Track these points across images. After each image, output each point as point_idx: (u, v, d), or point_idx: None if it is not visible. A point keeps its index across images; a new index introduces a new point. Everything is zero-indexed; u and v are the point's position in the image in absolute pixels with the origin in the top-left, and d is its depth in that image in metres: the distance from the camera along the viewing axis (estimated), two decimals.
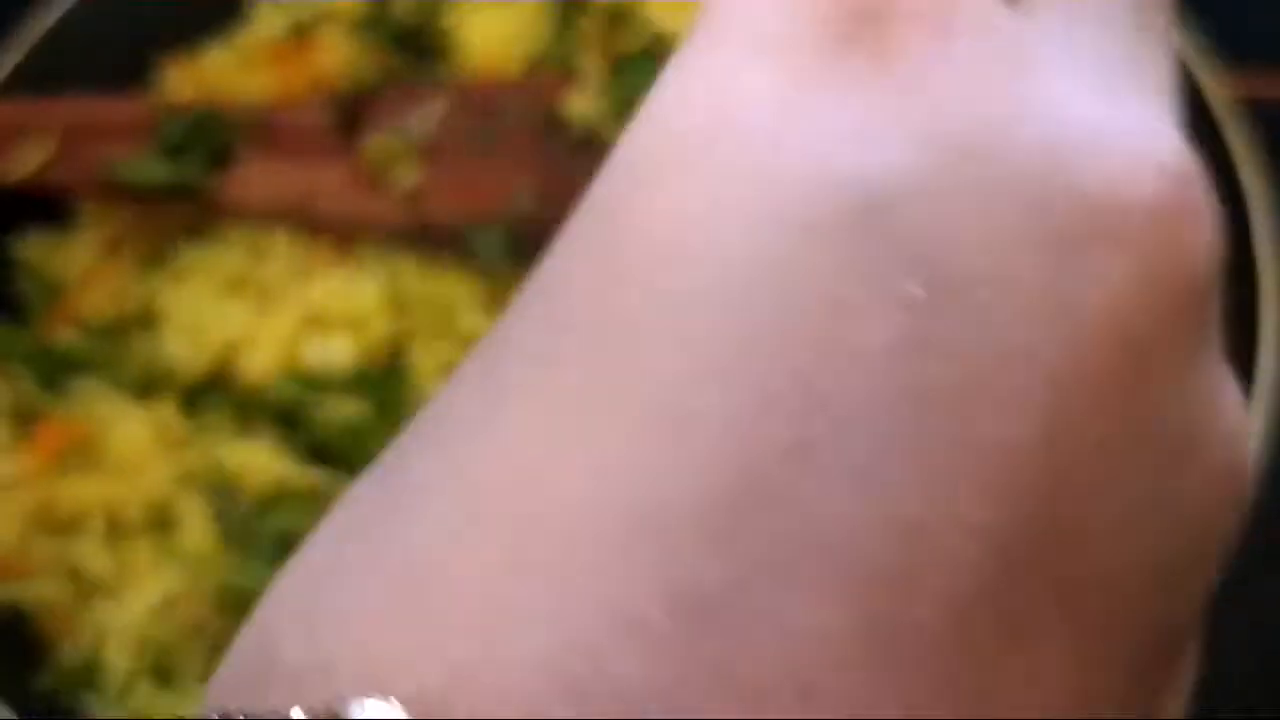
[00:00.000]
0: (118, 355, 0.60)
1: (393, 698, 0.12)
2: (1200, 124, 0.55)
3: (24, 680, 0.53)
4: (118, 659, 0.54)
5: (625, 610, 0.12)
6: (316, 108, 0.66)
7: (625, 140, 0.17)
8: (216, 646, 0.53)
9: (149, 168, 0.62)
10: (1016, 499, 0.13)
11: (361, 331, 0.61)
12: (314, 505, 0.54)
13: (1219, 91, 0.59)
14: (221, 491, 0.55)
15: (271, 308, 0.62)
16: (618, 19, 0.73)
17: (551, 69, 0.71)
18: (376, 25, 0.74)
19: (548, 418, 0.14)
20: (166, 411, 0.58)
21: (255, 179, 0.64)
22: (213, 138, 0.63)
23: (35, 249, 0.68)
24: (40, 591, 0.56)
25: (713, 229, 0.14)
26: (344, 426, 0.57)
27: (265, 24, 0.76)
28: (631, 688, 0.12)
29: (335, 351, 0.60)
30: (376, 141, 0.64)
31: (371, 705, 0.12)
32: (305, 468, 0.57)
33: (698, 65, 0.16)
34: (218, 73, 0.73)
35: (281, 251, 0.63)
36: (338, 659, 0.13)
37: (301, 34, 0.73)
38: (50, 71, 0.70)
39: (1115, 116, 0.16)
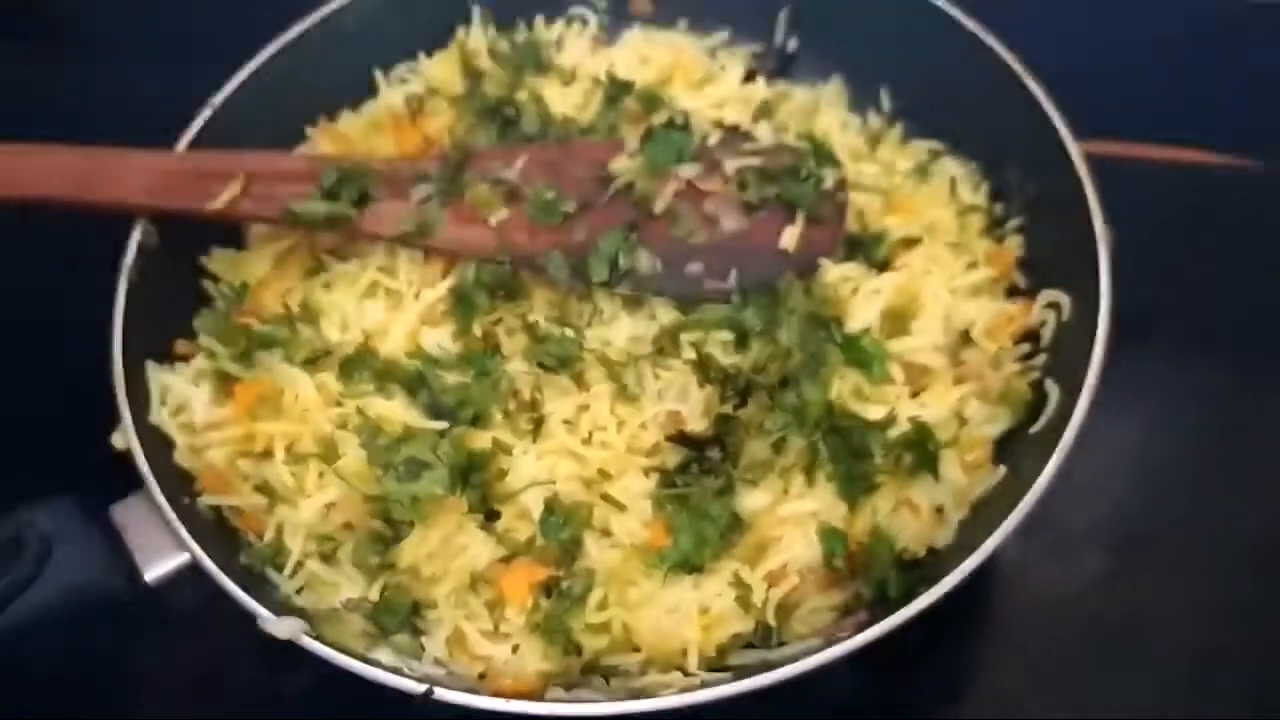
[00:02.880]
0: (290, 338, 0.83)
1: None
2: (1065, 172, 0.79)
3: (231, 560, 0.76)
4: (295, 546, 0.76)
5: None
6: (429, 163, 0.88)
7: None
8: (364, 537, 0.76)
9: (312, 205, 0.84)
10: None
11: (464, 324, 0.83)
12: (432, 442, 0.76)
13: (1078, 150, 0.82)
14: (367, 432, 0.77)
15: (399, 307, 0.85)
16: (649, 99, 0.96)
17: (601, 136, 0.93)
18: (471, 100, 0.97)
19: None
20: (327, 378, 0.81)
21: (386, 214, 0.86)
22: (357, 184, 0.85)
23: (221, 262, 0.91)
24: (241, 500, 0.78)
25: None
26: (452, 390, 0.79)
27: (388, 99, 0.99)
28: None
29: (445, 338, 0.83)
30: (475, 189, 0.86)
31: None
32: (425, 418, 0.79)
33: None
34: (352, 135, 0.97)
35: (405, 267, 0.86)
36: None
37: (415, 107, 0.96)
38: (230, 132, 0.94)
39: None
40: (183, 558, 0.73)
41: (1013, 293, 0.87)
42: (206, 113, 0.92)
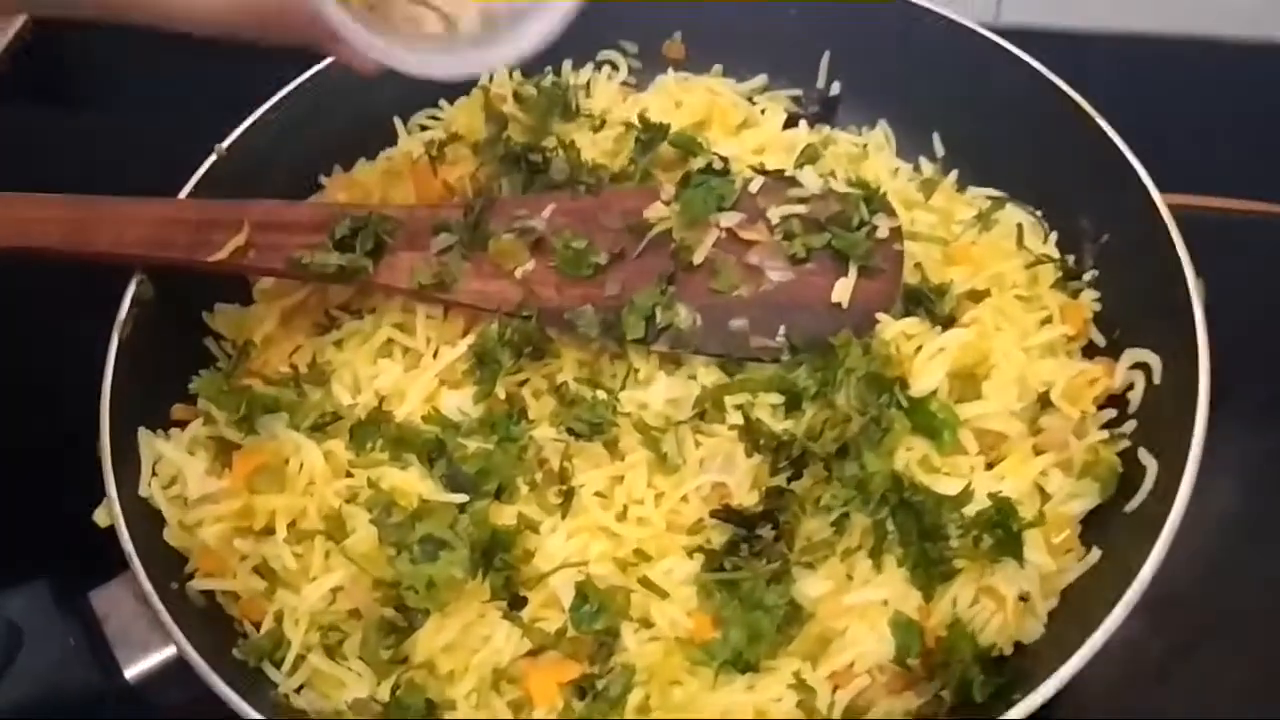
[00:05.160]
0: (296, 402, 0.76)
1: None
2: (1147, 222, 0.71)
3: (224, 654, 0.67)
4: (295, 637, 0.68)
5: None
6: (450, 212, 0.82)
7: None
8: (374, 627, 0.67)
9: (323, 256, 0.78)
10: None
11: (487, 386, 0.75)
12: (451, 518, 0.68)
13: (1165, 204, 0.75)
14: (380, 506, 0.69)
15: (416, 367, 0.78)
16: (687, 143, 0.90)
17: (634, 184, 0.87)
18: (495, 145, 0.91)
19: None
20: (336, 445, 0.73)
21: (403, 266, 0.79)
22: (371, 234, 0.79)
23: (224, 319, 0.85)
24: (237, 584, 0.70)
25: None
26: (473, 459, 0.72)
27: (407, 146, 0.94)
28: None
29: (466, 402, 0.75)
30: (499, 239, 0.79)
31: None
32: (443, 490, 0.71)
33: None
34: (368, 184, 0.91)
35: (422, 324, 0.79)
36: None
37: (435, 153, 0.91)
38: (238, 180, 0.88)
39: None
40: (168, 651, 0.65)
41: (1088, 351, 0.79)
42: (213, 157, 0.87)
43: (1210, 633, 0.79)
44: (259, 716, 0.60)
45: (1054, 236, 0.84)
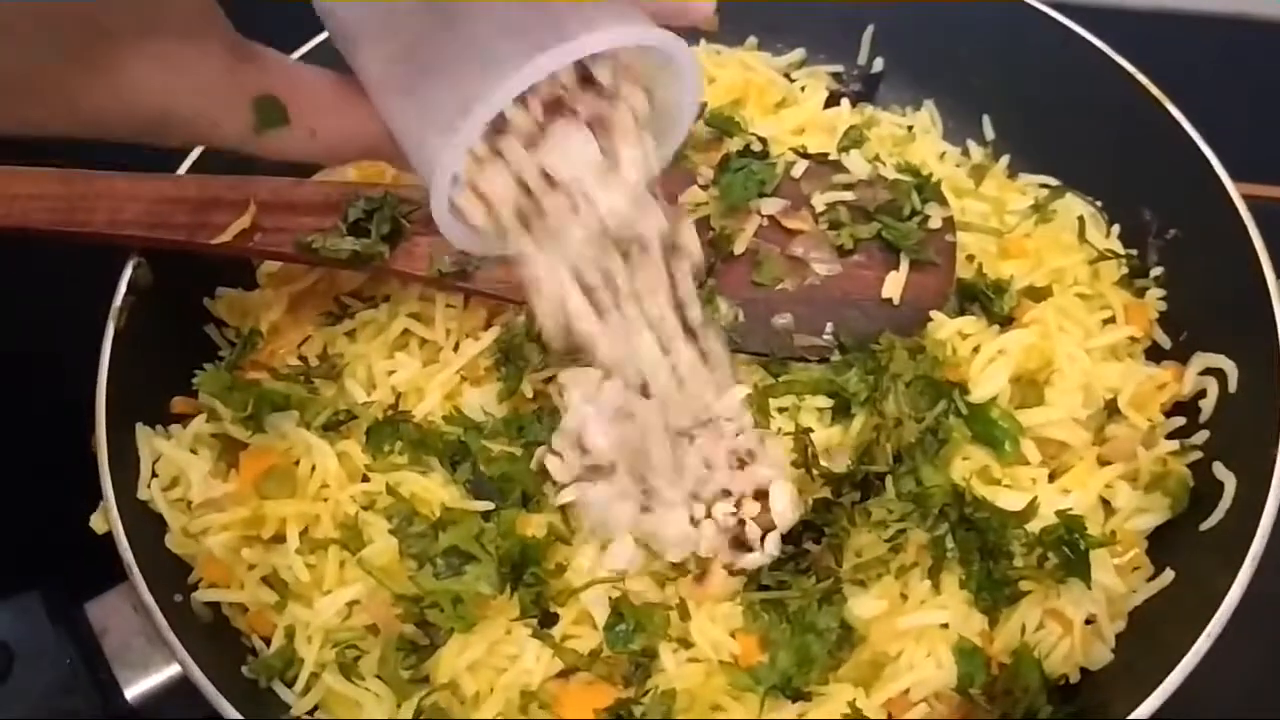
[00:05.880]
0: (307, 398, 0.70)
1: None
2: (1219, 215, 0.65)
3: (232, 672, 0.63)
4: (309, 654, 0.63)
5: None
6: None
7: None
8: (393, 644, 0.62)
9: (336, 240, 0.72)
10: None
11: (512, 383, 0.70)
12: (476, 528, 0.63)
13: (1240, 195, 0.70)
14: (399, 514, 0.65)
15: (435, 361, 0.72)
16: (724, 122, 0.84)
17: (666, 164, 0.81)
18: None
19: None
20: (351, 446, 0.68)
21: (421, 251, 0.73)
22: (387, 215, 0.73)
23: (227, 304, 0.79)
24: (245, 595, 0.65)
25: None
26: (498, 462, 0.67)
27: None
28: None
29: (490, 400, 0.70)
30: None
31: None
32: (467, 497, 0.66)
33: None
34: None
35: (442, 314, 0.74)
36: None
37: None
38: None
39: None
40: (171, 670, 0.60)
41: (1151, 354, 0.74)
42: None
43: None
44: None
45: (1115, 230, 0.79)
